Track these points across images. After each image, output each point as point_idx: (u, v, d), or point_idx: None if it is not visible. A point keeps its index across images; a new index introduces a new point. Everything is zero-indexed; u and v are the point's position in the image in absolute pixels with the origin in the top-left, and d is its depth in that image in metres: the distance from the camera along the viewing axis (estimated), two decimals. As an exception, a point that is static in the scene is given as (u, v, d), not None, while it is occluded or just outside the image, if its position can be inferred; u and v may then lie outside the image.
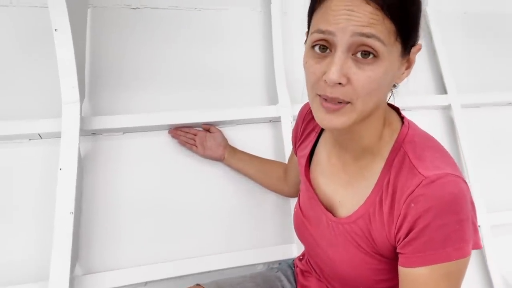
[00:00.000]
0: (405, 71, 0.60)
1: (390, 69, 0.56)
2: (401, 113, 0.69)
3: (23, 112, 1.04)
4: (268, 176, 1.10)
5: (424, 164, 0.58)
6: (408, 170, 0.59)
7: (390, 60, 0.55)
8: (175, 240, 1.06)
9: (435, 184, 0.55)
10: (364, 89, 0.54)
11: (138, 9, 1.22)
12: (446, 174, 0.56)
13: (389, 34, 0.53)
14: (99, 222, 1.03)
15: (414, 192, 0.56)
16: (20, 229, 0.99)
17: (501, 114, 1.43)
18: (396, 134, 0.64)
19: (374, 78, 0.54)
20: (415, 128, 0.66)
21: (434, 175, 0.56)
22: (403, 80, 0.61)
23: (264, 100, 1.25)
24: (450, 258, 0.56)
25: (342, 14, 0.53)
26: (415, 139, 0.63)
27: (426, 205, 0.55)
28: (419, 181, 0.56)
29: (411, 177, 0.58)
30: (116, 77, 1.15)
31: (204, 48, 1.24)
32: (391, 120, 0.67)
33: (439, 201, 0.55)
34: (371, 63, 0.54)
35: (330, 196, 0.73)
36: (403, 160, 0.61)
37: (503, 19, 1.56)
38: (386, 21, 0.53)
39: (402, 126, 0.65)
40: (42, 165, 1.02)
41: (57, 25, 0.94)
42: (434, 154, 0.61)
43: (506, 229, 1.29)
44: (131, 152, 1.10)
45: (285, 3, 1.31)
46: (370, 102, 0.57)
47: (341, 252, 0.69)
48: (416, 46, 0.59)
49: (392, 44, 0.54)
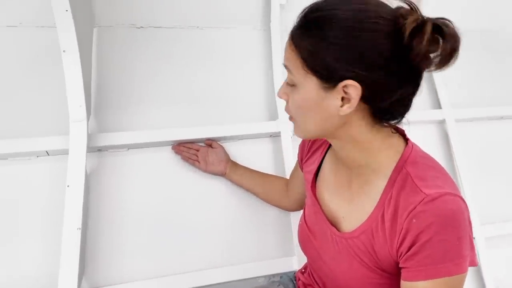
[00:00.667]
0: (344, 105, 0.60)
1: (307, 97, 0.63)
2: (406, 135, 0.71)
3: (31, 130, 1.07)
4: (269, 190, 1.13)
5: (425, 183, 0.61)
6: (410, 188, 0.62)
7: (307, 90, 0.62)
8: (178, 254, 1.08)
9: (436, 201, 0.59)
10: (293, 109, 0.67)
11: (143, 28, 1.26)
12: (446, 192, 0.60)
13: (298, 68, 0.62)
14: (105, 237, 1.05)
15: (416, 209, 0.59)
16: (28, 245, 1.01)
17: (494, 128, 1.46)
18: (399, 155, 0.67)
19: (295, 102, 0.65)
20: (417, 150, 0.69)
21: (435, 193, 0.59)
22: (346, 112, 0.61)
23: (264, 116, 1.29)
24: (450, 273, 0.59)
25: None
26: (417, 159, 0.66)
27: (428, 220, 0.58)
28: (421, 198, 0.59)
29: (413, 194, 0.61)
30: (121, 94, 1.18)
31: (206, 65, 1.28)
32: (391, 142, 0.68)
33: (440, 217, 0.58)
34: (292, 90, 0.65)
35: (334, 211, 0.76)
36: (406, 179, 0.64)
37: (495, 35, 1.60)
38: (294, 54, 0.62)
39: (406, 147, 0.68)
40: (49, 181, 1.05)
41: (65, 46, 0.96)
42: (435, 174, 0.64)
43: (500, 241, 1.32)
44: (135, 168, 1.13)
45: (285, 20, 1.35)
46: (308, 123, 0.66)
47: (344, 266, 0.72)
48: (344, 82, 0.58)
49: (303, 75, 0.61)
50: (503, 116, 1.48)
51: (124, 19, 1.24)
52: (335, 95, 0.60)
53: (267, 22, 1.34)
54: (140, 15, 1.26)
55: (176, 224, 1.11)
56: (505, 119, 1.48)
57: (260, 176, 1.14)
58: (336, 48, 0.58)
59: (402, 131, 0.72)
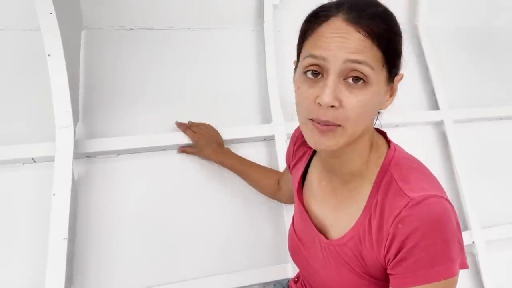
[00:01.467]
0: (389, 99, 0.64)
1: (377, 94, 0.59)
2: (388, 137, 0.71)
3: (16, 136, 1.04)
4: (260, 187, 1.12)
5: (409, 186, 0.60)
6: (395, 192, 0.61)
7: (378, 86, 0.58)
8: (170, 263, 1.06)
9: (421, 205, 0.57)
10: (354, 112, 0.57)
11: (132, 30, 1.23)
12: (431, 195, 0.58)
13: (377, 61, 0.57)
14: (94, 247, 1.02)
15: (401, 213, 0.58)
16: (13, 255, 0.98)
17: (493, 128, 1.44)
18: (382, 158, 0.66)
19: (364, 102, 0.57)
20: (400, 151, 0.67)
21: (419, 196, 0.58)
22: (387, 107, 0.64)
23: (258, 119, 1.26)
24: (439, 277, 0.57)
25: (334, 41, 0.56)
26: (401, 161, 0.65)
27: (413, 225, 0.57)
28: (406, 202, 0.58)
29: (398, 199, 0.59)
30: (110, 98, 1.15)
31: (198, 68, 1.25)
32: (378, 144, 0.69)
33: (425, 221, 0.57)
34: (361, 88, 0.57)
35: (321, 218, 0.74)
36: (390, 182, 0.62)
37: (493, 33, 1.58)
38: (374, 48, 0.56)
39: (388, 150, 0.67)
40: (36, 190, 1.02)
41: (51, 50, 0.94)
42: (418, 176, 0.63)
43: (500, 244, 1.30)
44: (125, 174, 1.10)
45: (278, 21, 1.32)
46: (359, 126, 0.60)
47: (333, 274, 0.71)
48: (399, 75, 0.63)
49: (379, 70, 0.58)
50: (501, 117, 1.46)
51: (113, 21, 1.21)
52: (389, 88, 0.62)
53: (260, 22, 1.31)
54: (130, 16, 1.23)
55: (168, 233, 1.08)
56: (503, 119, 1.46)
57: (250, 169, 1.11)
58: (398, 38, 0.60)
59: (384, 133, 0.71)
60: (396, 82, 0.63)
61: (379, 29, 0.56)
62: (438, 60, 1.43)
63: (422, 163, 0.66)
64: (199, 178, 1.14)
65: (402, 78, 0.63)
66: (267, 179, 1.10)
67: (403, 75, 0.63)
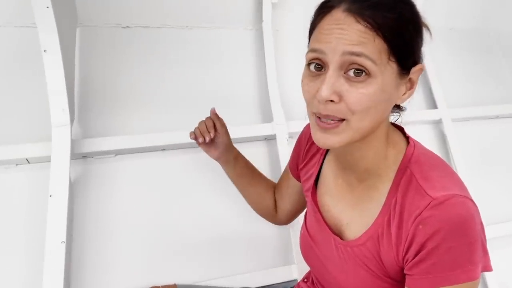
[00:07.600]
0: (407, 92, 0.60)
1: (384, 88, 0.55)
2: (406, 133, 0.68)
3: (9, 136, 1.00)
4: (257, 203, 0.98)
5: (431, 184, 0.57)
6: (416, 191, 0.58)
7: (384, 79, 0.55)
8: (171, 265, 1.03)
9: (443, 205, 0.55)
10: (358, 105, 0.54)
11: (129, 28, 1.20)
12: (454, 195, 0.55)
13: (380, 53, 0.53)
14: (91, 250, 0.99)
15: (422, 214, 0.55)
16: (8, 260, 0.94)
17: (490, 127, 1.46)
18: (401, 155, 0.63)
19: (368, 96, 0.54)
20: (420, 148, 0.65)
21: (442, 196, 0.55)
22: (405, 100, 0.61)
23: (258, 118, 1.24)
24: (458, 280, 0.55)
25: (333, 33, 0.54)
26: (421, 158, 0.62)
27: (435, 227, 0.54)
28: (427, 202, 0.55)
29: (418, 198, 0.57)
30: (106, 97, 1.12)
31: (197, 66, 1.23)
32: (395, 140, 0.66)
33: (448, 223, 0.54)
34: (363, 81, 0.54)
35: (337, 217, 0.72)
36: (410, 180, 0.60)
37: (488, 34, 1.61)
38: (377, 40, 0.53)
39: (408, 146, 0.64)
40: (30, 192, 0.98)
41: (46, 46, 0.91)
42: (440, 174, 0.60)
43: (502, 242, 1.30)
44: (123, 175, 1.07)
45: (277, 20, 1.32)
46: (366, 120, 0.56)
47: (350, 275, 0.68)
48: (417, 66, 0.59)
49: (384, 63, 0.54)
50: (498, 115, 1.48)
51: (109, 18, 1.19)
52: (404, 82, 0.58)
53: (259, 21, 1.30)
54: (126, 14, 1.20)
55: (168, 234, 1.05)
56: (500, 118, 1.48)
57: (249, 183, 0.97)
58: (411, 27, 0.56)
59: (402, 128, 0.68)
60: (415, 74, 0.59)
61: (383, 19, 0.53)
62: (434, 60, 1.44)
63: (444, 160, 0.64)
64: (199, 179, 1.11)
65: (422, 70, 0.59)
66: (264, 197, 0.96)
67: (423, 67, 0.59)
